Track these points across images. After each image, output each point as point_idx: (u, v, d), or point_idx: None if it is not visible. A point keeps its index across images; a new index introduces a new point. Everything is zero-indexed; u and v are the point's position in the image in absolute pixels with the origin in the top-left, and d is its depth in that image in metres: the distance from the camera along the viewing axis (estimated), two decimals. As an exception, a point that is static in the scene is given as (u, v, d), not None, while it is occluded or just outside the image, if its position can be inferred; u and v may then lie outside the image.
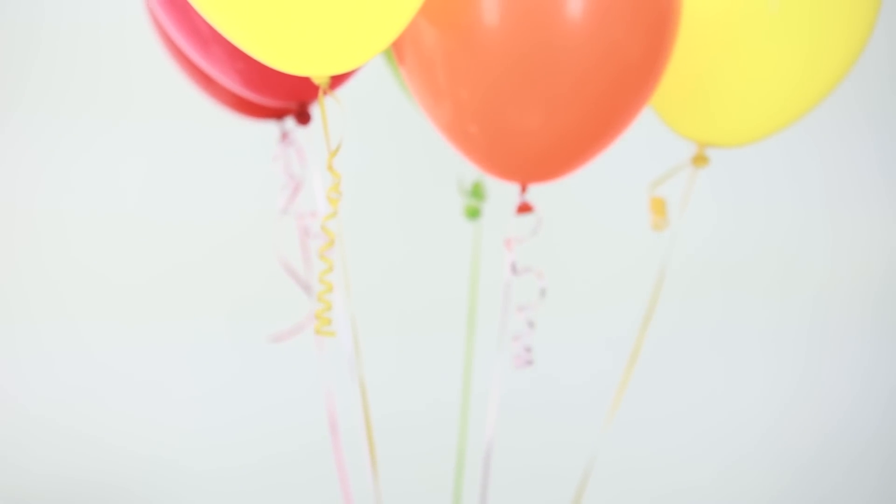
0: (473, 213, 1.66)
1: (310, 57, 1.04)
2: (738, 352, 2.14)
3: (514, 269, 1.35)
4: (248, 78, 1.40)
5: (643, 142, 1.69)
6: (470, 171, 1.65)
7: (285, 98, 1.42)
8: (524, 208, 1.34)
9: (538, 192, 1.59)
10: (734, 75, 1.44)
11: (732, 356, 2.13)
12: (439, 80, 1.26)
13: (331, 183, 1.09)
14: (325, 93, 1.09)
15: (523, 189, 1.34)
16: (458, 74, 1.25)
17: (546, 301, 1.66)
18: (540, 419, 2.06)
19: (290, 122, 1.55)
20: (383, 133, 1.85)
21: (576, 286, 2.04)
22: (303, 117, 1.44)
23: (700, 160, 1.52)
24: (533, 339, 1.32)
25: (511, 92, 1.24)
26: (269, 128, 1.68)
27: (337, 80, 1.38)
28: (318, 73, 1.07)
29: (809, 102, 1.47)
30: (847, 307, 2.13)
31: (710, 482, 2.11)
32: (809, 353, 2.15)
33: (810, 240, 2.14)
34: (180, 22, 1.36)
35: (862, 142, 2.14)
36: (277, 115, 1.57)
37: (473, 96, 1.25)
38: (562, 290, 1.99)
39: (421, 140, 1.39)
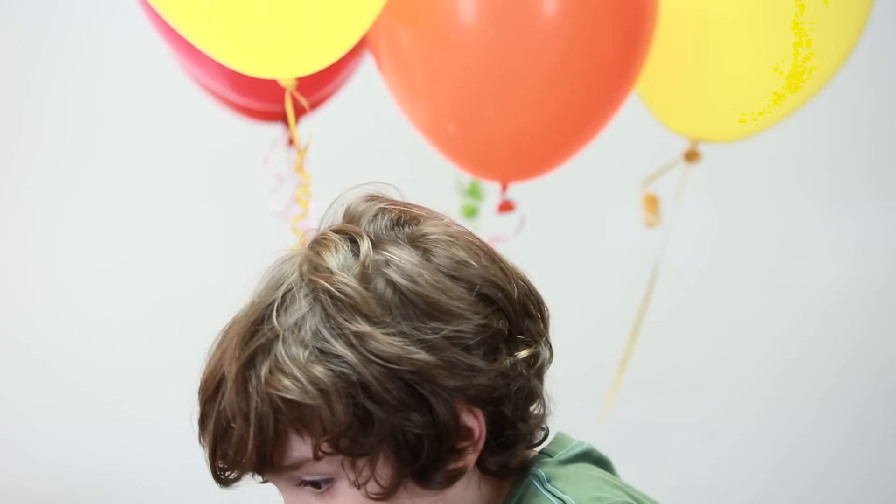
0: (471, 213, 1.67)
1: (272, 59, 1.06)
2: (733, 353, 2.12)
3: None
4: (236, 82, 1.42)
5: (635, 138, 1.68)
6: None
7: (273, 101, 1.43)
8: (505, 207, 1.34)
9: (539, 192, 1.60)
10: (726, 71, 1.43)
11: (728, 358, 2.12)
12: (416, 80, 1.27)
13: (300, 184, 1.10)
14: (291, 94, 1.10)
15: (504, 188, 1.34)
16: (434, 73, 1.25)
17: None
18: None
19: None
20: (382, 133, 1.86)
21: (570, 284, 2.03)
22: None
23: (692, 156, 1.51)
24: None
25: (487, 90, 1.24)
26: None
27: (319, 83, 1.39)
28: (283, 75, 1.08)
29: (801, 98, 1.46)
30: (845, 305, 2.12)
31: (705, 478, 2.10)
32: (806, 353, 2.14)
33: (804, 237, 2.13)
34: (170, 30, 1.38)
35: (856, 137, 2.12)
36: (273, 118, 1.58)
37: (450, 95, 1.26)
38: (558, 288, 1.99)
39: (418, 139, 1.39)
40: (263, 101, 1.43)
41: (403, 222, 0.82)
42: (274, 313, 0.78)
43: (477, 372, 0.77)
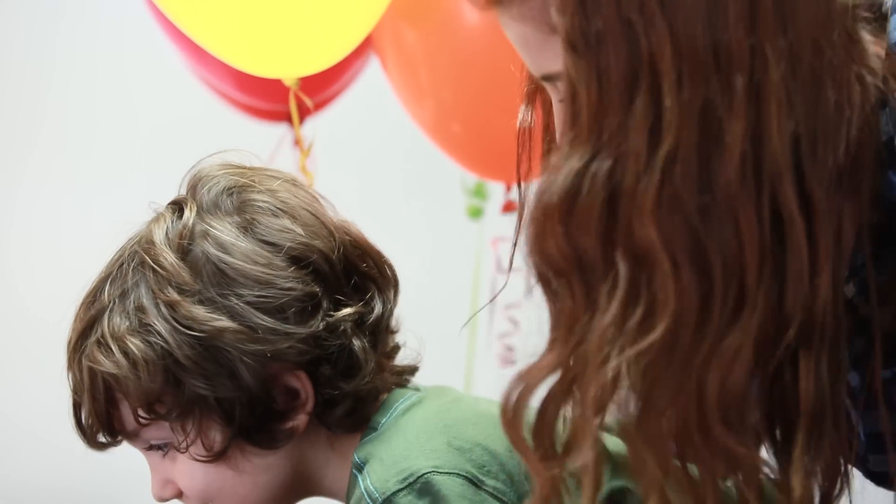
0: (476, 213, 1.67)
1: (276, 58, 1.06)
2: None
3: (499, 268, 1.35)
4: (240, 81, 1.42)
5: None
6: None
7: (278, 101, 1.43)
8: (510, 206, 1.35)
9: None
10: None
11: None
12: (421, 80, 1.27)
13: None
14: (295, 94, 1.10)
15: (508, 188, 1.35)
16: (439, 74, 1.25)
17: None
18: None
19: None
20: (387, 134, 1.86)
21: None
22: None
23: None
24: (517, 338, 1.32)
25: (492, 90, 1.24)
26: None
27: (324, 83, 1.39)
28: (286, 74, 1.09)
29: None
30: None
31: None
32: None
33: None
34: (176, 30, 1.39)
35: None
36: (278, 118, 1.58)
37: (455, 95, 1.26)
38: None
39: (423, 139, 1.39)
40: (268, 100, 1.44)
41: (236, 191, 0.84)
42: (108, 285, 0.82)
43: (281, 336, 0.79)
